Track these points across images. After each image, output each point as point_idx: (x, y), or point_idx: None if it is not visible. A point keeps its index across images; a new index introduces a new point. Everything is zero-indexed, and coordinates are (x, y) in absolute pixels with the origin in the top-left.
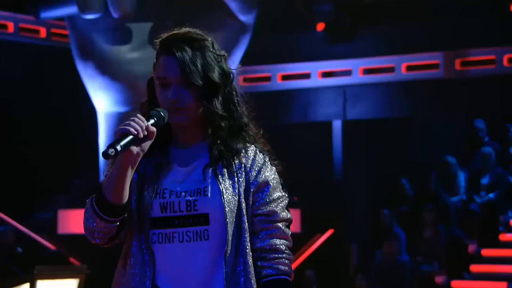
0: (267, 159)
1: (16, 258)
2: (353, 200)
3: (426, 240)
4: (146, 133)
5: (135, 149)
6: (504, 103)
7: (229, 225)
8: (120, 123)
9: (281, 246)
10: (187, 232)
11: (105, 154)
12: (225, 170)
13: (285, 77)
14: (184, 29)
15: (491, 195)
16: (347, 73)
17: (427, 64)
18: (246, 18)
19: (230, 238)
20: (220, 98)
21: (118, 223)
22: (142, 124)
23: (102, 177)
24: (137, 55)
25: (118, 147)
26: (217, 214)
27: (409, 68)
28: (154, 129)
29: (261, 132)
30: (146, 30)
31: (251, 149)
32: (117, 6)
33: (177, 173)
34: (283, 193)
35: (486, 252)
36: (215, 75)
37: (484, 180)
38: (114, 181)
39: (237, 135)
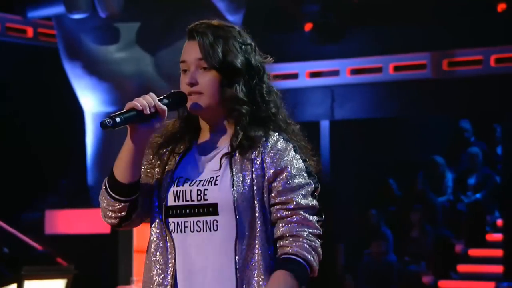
0: (290, 146)
1: (3, 258)
2: (341, 200)
3: (413, 240)
4: (153, 110)
5: (142, 126)
6: (491, 104)
7: (239, 215)
8: None
9: (302, 233)
10: (197, 222)
11: (102, 123)
12: (241, 158)
13: (273, 77)
14: (213, 20)
15: (478, 195)
16: (335, 73)
17: (415, 64)
18: (234, 18)
19: (240, 228)
20: (242, 86)
21: (128, 203)
22: (151, 100)
23: (89, 177)
24: (124, 55)
25: (118, 119)
26: (226, 204)
27: (397, 68)
28: (164, 108)
29: (298, 128)
30: (134, 30)
31: (273, 137)
32: (105, 6)
33: (197, 162)
34: (308, 180)
35: (473, 252)
36: (237, 61)
37: (471, 180)
38: (121, 159)
39: (260, 124)
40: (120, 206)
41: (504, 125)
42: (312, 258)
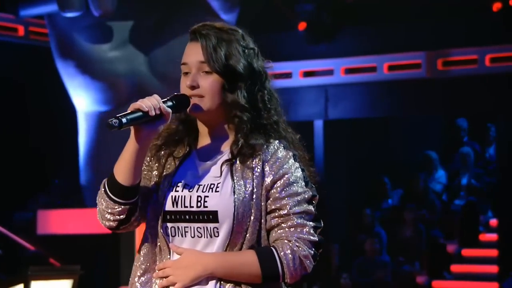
0: (290, 154)
1: None
2: (334, 200)
3: (406, 239)
4: (159, 112)
5: (146, 128)
6: (486, 103)
7: (238, 223)
8: (101, 122)
9: (290, 238)
10: (198, 228)
11: (108, 124)
12: (242, 166)
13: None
14: (217, 22)
15: (470, 195)
16: (329, 72)
17: (409, 64)
18: (228, 17)
19: (239, 236)
20: (244, 92)
21: (128, 206)
22: (156, 102)
23: (82, 177)
24: (118, 54)
25: (124, 119)
26: (227, 212)
27: (391, 68)
28: (169, 110)
29: (298, 137)
30: (127, 29)
31: (274, 145)
32: (98, 4)
33: (196, 167)
34: (305, 189)
35: (466, 252)
36: (239, 66)
37: (464, 180)
38: (123, 161)
39: (261, 131)
40: (120, 209)
41: (499, 125)
42: (288, 262)
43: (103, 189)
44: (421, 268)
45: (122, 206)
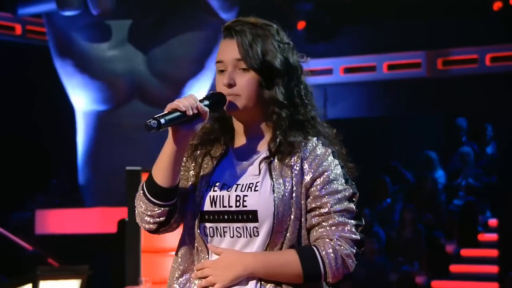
0: (329, 151)
1: None
2: None
3: (406, 240)
4: (196, 111)
5: (184, 128)
6: (486, 103)
7: (279, 222)
8: (100, 121)
9: (332, 236)
10: (237, 228)
11: (147, 125)
12: (280, 164)
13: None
14: (250, 17)
15: (469, 195)
16: (328, 72)
17: (409, 63)
18: (227, 16)
19: (279, 235)
20: (281, 88)
21: (168, 208)
22: (193, 102)
23: (80, 177)
24: (116, 53)
25: (162, 120)
26: (267, 211)
27: (391, 67)
28: (206, 109)
29: (334, 132)
30: (126, 28)
31: (312, 142)
32: (97, 3)
33: (234, 167)
34: (345, 186)
35: (465, 252)
36: (276, 62)
37: (463, 180)
38: (162, 162)
39: (299, 128)
40: (160, 211)
41: (499, 124)
42: (330, 262)
43: (141, 192)
44: (420, 268)
45: (162, 208)
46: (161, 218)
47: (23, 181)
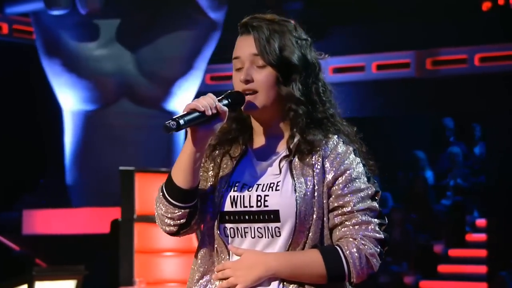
0: (350, 149)
1: None
2: None
3: (394, 240)
4: (215, 111)
5: (203, 128)
6: (475, 103)
7: (301, 222)
8: (88, 121)
9: (356, 235)
10: (258, 228)
11: (166, 126)
12: (301, 163)
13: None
14: (266, 14)
15: (457, 195)
16: None
17: (398, 63)
18: (216, 15)
19: (301, 235)
20: (299, 84)
21: (188, 210)
22: (212, 102)
23: (68, 177)
24: (104, 52)
25: (181, 121)
26: (289, 211)
27: (380, 67)
28: (225, 109)
29: (354, 130)
30: (114, 27)
31: (333, 140)
32: (85, 2)
33: (253, 166)
34: (368, 185)
35: (453, 252)
36: (294, 58)
37: (451, 180)
38: (182, 163)
39: (318, 126)
40: (180, 213)
41: (487, 124)
42: (354, 261)
43: (161, 194)
44: (409, 268)
45: (182, 210)
46: (181, 220)
47: (11, 181)
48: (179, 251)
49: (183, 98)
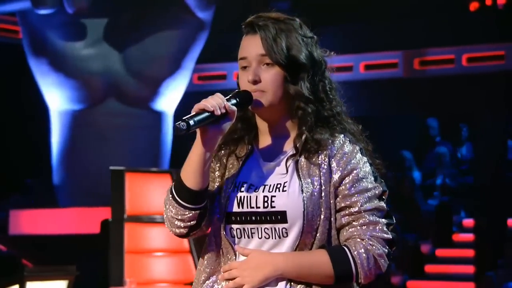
0: (357, 148)
1: None
2: None
3: None
4: (224, 111)
5: (213, 128)
6: (463, 103)
7: (309, 223)
8: (75, 121)
9: (363, 236)
10: (265, 229)
11: (176, 127)
12: (307, 163)
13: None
14: (271, 12)
15: (444, 195)
16: None
17: (386, 63)
18: (203, 15)
19: (309, 236)
20: (307, 83)
21: (198, 211)
22: (221, 101)
23: (55, 177)
24: (92, 52)
25: (191, 122)
26: (296, 212)
27: (368, 67)
28: (234, 108)
29: (360, 128)
30: (101, 26)
31: (339, 139)
32: (72, 2)
33: (260, 166)
34: (375, 184)
35: (440, 252)
36: (301, 56)
37: (438, 180)
38: (191, 164)
39: (325, 125)
40: (191, 214)
41: (474, 125)
42: (362, 262)
43: (170, 196)
44: (396, 268)
45: (193, 212)
46: (192, 222)
47: None
48: (170, 251)
49: (170, 97)
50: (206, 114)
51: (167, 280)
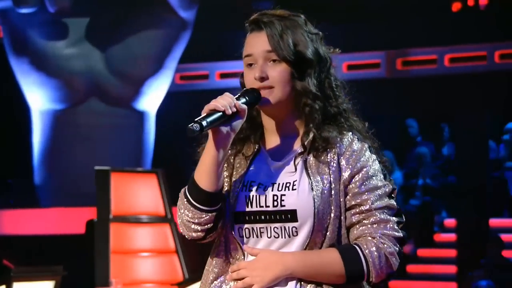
0: (366, 146)
1: None
2: None
3: None
4: (234, 110)
5: (224, 128)
6: (445, 103)
7: (319, 221)
8: (56, 121)
9: (375, 234)
10: (275, 228)
11: (189, 129)
12: (316, 161)
13: (224, 75)
14: (275, 9)
15: (426, 195)
16: None
17: (368, 63)
18: (186, 14)
19: (319, 234)
20: (314, 79)
21: (215, 213)
22: (230, 100)
23: (36, 177)
24: (73, 51)
25: (204, 123)
26: (306, 210)
27: (350, 67)
28: (244, 107)
29: (366, 125)
30: (83, 25)
31: (348, 137)
32: (53, 0)
33: (268, 165)
34: (385, 182)
35: (422, 252)
36: (308, 52)
37: (419, 180)
38: (205, 166)
39: (333, 122)
40: (208, 217)
41: (456, 125)
42: (374, 261)
43: (185, 200)
44: None
45: (210, 214)
46: (209, 225)
47: None
48: (155, 251)
49: (153, 97)
50: (218, 114)
51: (153, 281)
